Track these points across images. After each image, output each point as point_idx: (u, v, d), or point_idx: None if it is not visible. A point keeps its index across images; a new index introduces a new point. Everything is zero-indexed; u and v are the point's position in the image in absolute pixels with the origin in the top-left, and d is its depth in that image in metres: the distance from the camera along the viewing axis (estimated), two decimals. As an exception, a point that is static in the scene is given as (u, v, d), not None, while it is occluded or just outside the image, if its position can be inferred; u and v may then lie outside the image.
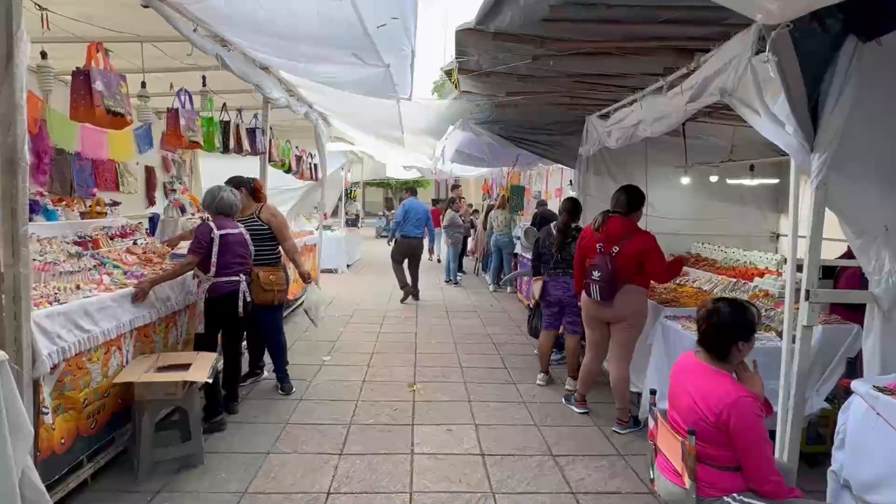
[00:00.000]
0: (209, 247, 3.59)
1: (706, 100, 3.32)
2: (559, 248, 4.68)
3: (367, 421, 3.93)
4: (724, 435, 1.94)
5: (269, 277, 4.26)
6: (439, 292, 9.47)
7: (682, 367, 2.21)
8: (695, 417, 2.00)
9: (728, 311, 2.10)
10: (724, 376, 2.03)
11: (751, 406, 1.91)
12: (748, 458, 1.91)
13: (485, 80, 4.50)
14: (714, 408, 1.94)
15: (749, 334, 2.07)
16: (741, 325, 2.07)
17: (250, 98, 5.99)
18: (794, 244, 2.74)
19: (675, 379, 2.21)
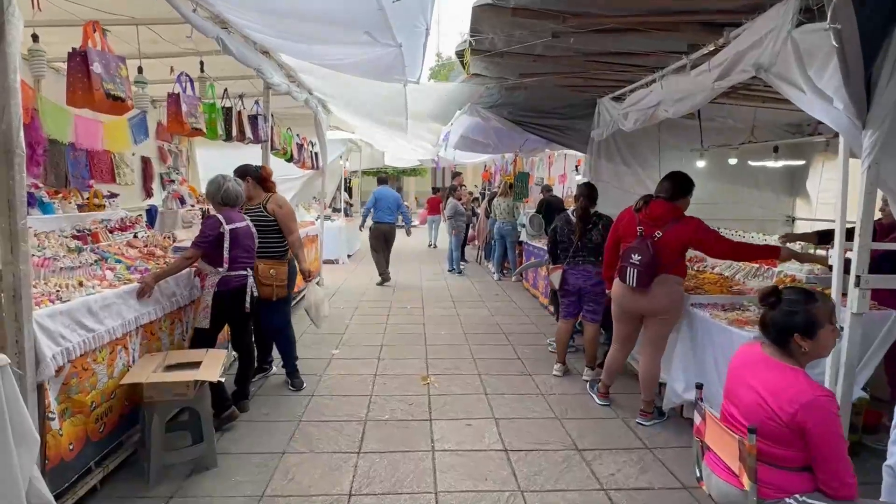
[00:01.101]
0: (216, 241, 3.41)
1: (736, 77, 3.17)
2: (580, 235, 4.51)
3: (383, 417, 3.80)
4: (796, 436, 1.80)
5: (270, 271, 4.10)
6: (443, 281, 9.33)
7: (745, 359, 2.07)
8: (762, 415, 1.86)
9: (786, 298, 1.96)
10: (796, 372, 1.89)
11: (828, 405, 1.77)
12: (826, 462, 1.78)
13: (497, 61, 4.32)
14: (787, 407, 1.80)
15: (809, 329, 1.90)
16: (798, 315, 1.92)
17: (249, 85, 5.79)
18: (841, 227, 2.56)
19: (736, 372, 2.07)
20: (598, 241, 4.40)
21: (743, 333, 3.11)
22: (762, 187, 6.01)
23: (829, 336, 1.92)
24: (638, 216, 3.70)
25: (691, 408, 3.75)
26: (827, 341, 1.93)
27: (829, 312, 1.93)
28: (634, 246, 3.63)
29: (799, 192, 6.11)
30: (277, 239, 4.20)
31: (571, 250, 4.54)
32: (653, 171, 5.79)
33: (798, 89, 2.59)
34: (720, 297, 3.78)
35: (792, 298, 1.95)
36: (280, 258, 4.21)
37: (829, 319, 1.92)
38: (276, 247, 4.22)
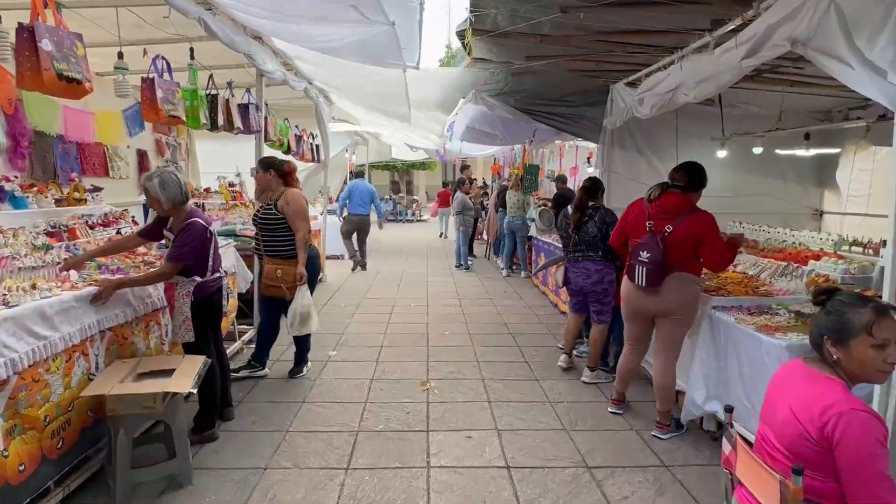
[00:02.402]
0: (204, 250, 3.09)
1: (767, 54, 2.82)
2: (576, 227, 4.25)
3: (377, 427, 3.52)
4: (829, 458, 1.50)
5: (276, 272, 3.93)
6: (450, 278, 9.04)
7: (786, 374, 1.77)
8: (793, 432, 1.56)
9: (835, 298, 1.68)
10: (833, 383, 1.58)
11: (868, 424, 1.46)
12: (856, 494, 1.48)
13: (501, 42, 4.00)
14: (817, 419, 1.50)
15: (839, 334, 1.61)
16: (832, 316, 1.64)
17: (245, 74, 5.51)
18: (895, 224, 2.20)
19: (776, 388, 1.76)
20: (594, 234, 4.16)
21: (773, 341, 2.78)
22: (788, 179, 5.62)
23: (865, 351, 1.59)
24: (649, 208, 3.38)
25: (712, 419, 3.44)
26: (863, 356, 1.60)
27: (869, 322, 1.60)
28: (643, 242, 3.34)
29: (828, 184, 5.71)
30: (287, 237, 3.98)
31: (570, 245, 4.31)
32: (670, 161, 5.40)
33: (843, 63, 2.25)
34: (745, 298, 3.44)
35: (839, 299, 1.68)
36: (289, 258, 3.98)
37: (867, 330, 1.59)
38: (285, 245, 4.00)
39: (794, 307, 3.31)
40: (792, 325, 2.96)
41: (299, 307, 3.95)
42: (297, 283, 3.93)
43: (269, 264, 3.95)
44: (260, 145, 5.21)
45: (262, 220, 4.02)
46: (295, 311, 3.95)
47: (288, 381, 4.27)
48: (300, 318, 3.96)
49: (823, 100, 5.16)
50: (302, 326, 4.00)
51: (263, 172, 4.05)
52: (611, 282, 4.23)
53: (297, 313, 3.95)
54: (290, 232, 3.95)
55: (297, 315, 3.95)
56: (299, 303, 3.96)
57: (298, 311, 3.95)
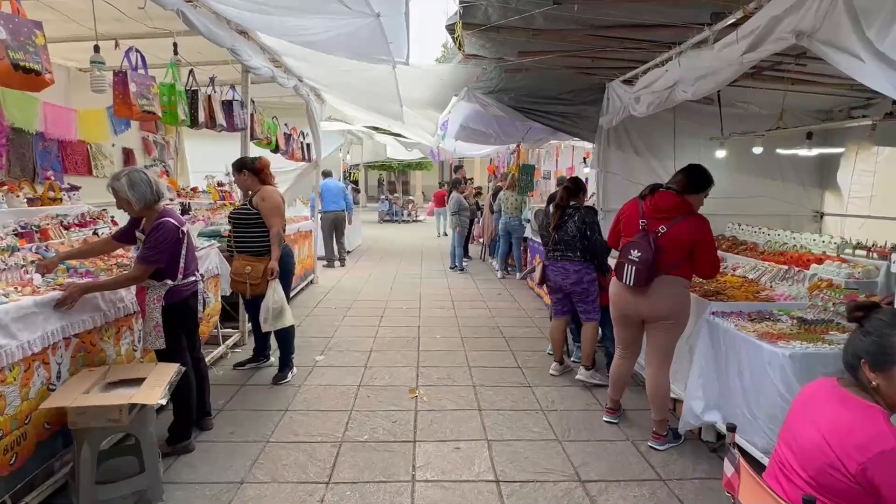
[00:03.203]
0: (175, 251, 2.95)
1: (770, 48, 2.68)
2: (556, 226, 4.18)
3: (362, 437, 3.37)
4: (864, 494, 1.36)
5: (245, 269, 3.88)
6: (443, 280, 8.89)
7: (815, 394, 1.60)
8: (822, 461, 1.41)
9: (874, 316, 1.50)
10: (874, 412, 1.42)
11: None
12: None
13: (493, 37, 3.86)
14: (856, 455, 1.35)
15: (879, 358, 1.45)
16: (871, 337, 1.48)
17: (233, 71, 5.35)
18: None
19: (801, 409, 1.60)
20: (573, 233, 4.09)
21: (775, 350, 2.64)
22: (788, 180, 5.49)
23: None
24: (642, 207, 3.24)
25: (711, 430, 3.30)
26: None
27: None
28: (634, 241, 3.21)
29: (829, 185, 5.59)
30: (259, 234, 3.97)
31: (550, 243, 4.25)
32: (667, 161, 5.30)
33: (852, 56, 2.11)
34: (746, 304, 3.31)
35: (879, 318, 1.49)
36: (260, 255, 3.95)
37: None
38: (256, 243, 3.99)
39: (797, 313, 3.18)
40: (795, 333, 2.82)
41: (271, 302, 3.89)
42: (269, 277, 3.87)
43: (239, 261, 3.94)
44: (246, 144, 5.06)
45: (236, 217, 4.02)
46: (267, 306, 3.89)
47: (272, 387, 4.12)
48: (273, 314, 3.90)
49: (824, 99, 5.04)
50: (276, 321, 3.93)
51: (238, 174, 4.06)
52: (591, 281, 4.16)
53: (269, 308, 3.89)
54: (263, 228, 3.94)
55: (269, 310, 3.89)
56: (271, 298, 3.90)
57: (270, 307, 3.89)
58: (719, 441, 3.25)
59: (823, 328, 2.89)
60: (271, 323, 3.91)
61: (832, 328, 2.91)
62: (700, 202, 3.17)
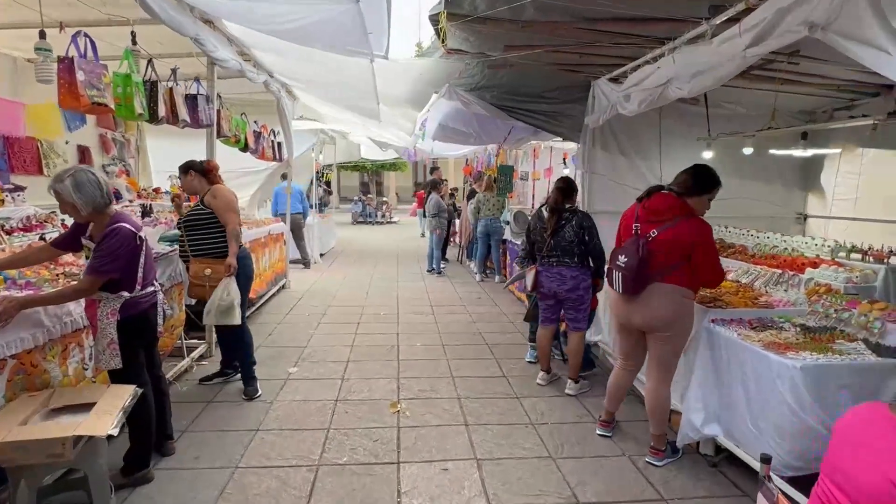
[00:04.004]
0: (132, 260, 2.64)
1: (776, 42, 2.53)
2: (553, 232, 3.98)
3: (340, 459, 3.11)
4: None
5: (204, 271, 3.65)
6: (421, 283, 8.64)
7: (868, 427, 1.40)
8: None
9: None
10: None
11: None
12: None
13: (478, 29, 3.64)
14: None
15: None
16: None
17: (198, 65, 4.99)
18: None
19: (851, 441, 1.40)
20: (571, 238, 3.92)
21: (785, 361, 2.49)
22: (772, 181, 5.43)
23: None
24: (638, 210, 3.08)
25: (709, 443, 3.15)
26: None
27: None
28: (624, 246, 3.05)
29: (812, 187, 5.56)
30: (216, 234, 3.75)
31: (545, 249, 4.03)
32: (653, 162, 5.18)
33: (875, 48, 1.96)
34: (745, 311, 3.17)
35: None
36: (219, 256, 3.72)
37: None
38: (215, 244, 3.76)
39: (798, 320, 3.06)
40: (801, 343, 2.69)
41: (219, 297, 3.58)
42: (226, 273, 3.61)
43: (197, 264, 3.68)
44: (212, 141, 4.73)
45: (189, 220, 3.77)
46: (214, 300, 3.58)
47: (241, 405, 3.82)
48: (219, 309, 3.58)
49: (807, 100, 4.99)
50: (221, 317, 3.60)
51: (185, 176, 3.84)
52: (586, 288, 4.00)
53: (216, 303, 3.57)
54: (219, 228, 3.72)
55: (215, 304, 3.57)
56: (221, 293, 3.59)
57: (217, 301, 3.58)
58: (718, 455, 3.11)
59: (829, 336, 2.77)
60: (214, 316, 3.59)
61: (838, 336, 2.78)
62: (704, 205, 3.00)
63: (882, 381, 2.49)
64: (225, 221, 3.71)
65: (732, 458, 2.99)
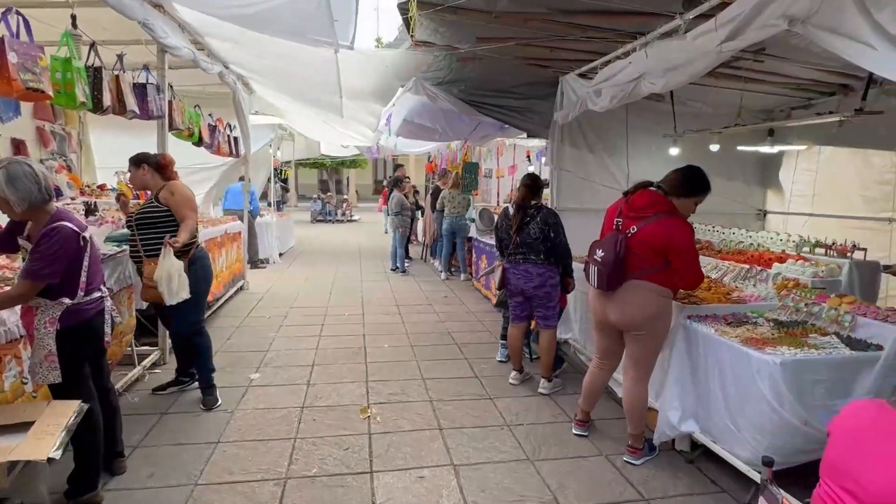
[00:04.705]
0: (74, 262, 2.39)
1: (754, 35, 2.52)
2: (518, 228, 3.94)
3: (309, 471, 2.93)
4: None
5: None
6: (385, 282, 8.47)
7: (868, 424, 1.36)
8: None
9: None
10: None
11: None
12: None
13: (449, 20, 3.53)
14: None
15: None
16: None
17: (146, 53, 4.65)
18: None
19: (855, 442, 1.35)
20: (536, 235, 3.88)
21: (765, 357, 2.48)
22: (734, 178, 5.56)
23: None
24: (622, 205, 3.03)
25: (685, 440, 3.14)
26: None
27: None
28: (602, 241, 3.01)
29: (771, 184, 5.72)
30: (173, 233, 3.46)
31: (511, 246, 4.00)
32: (620, 158, 5.20)
33: (858, 42, 1.95)
34: (720, 306, 3.18)
35: None
36: (177, 257, 3.44)
37: None
38: None
39: (770, 315, 3.09)
40: (778, 338, 2.69)
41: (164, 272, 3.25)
42: (171, 244, 3.25)
43: (152, 265, 3.38)
44: (163, 135, 4.43)
45: (141, 218, 3.50)
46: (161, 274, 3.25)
47: (199, 415, 3.57)
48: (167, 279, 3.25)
49: (768, 99, 5.11)
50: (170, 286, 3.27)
51: (136, 169, 3.56)
52: (553, 285, 3.97)
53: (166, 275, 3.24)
54: (176, 227, 3.48)
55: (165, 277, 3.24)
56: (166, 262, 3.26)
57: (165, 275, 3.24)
58: (695, 451, 3.10)
59: (802, 331, 2.79)
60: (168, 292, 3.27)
61: (810, 330, 2.81)
62: (690, 208, 2.94)
63: (856, 374, 2.53)
64: (182, 217, 3.48)
65: (708, 453, 2.98)
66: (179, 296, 3.33)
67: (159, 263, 3.28)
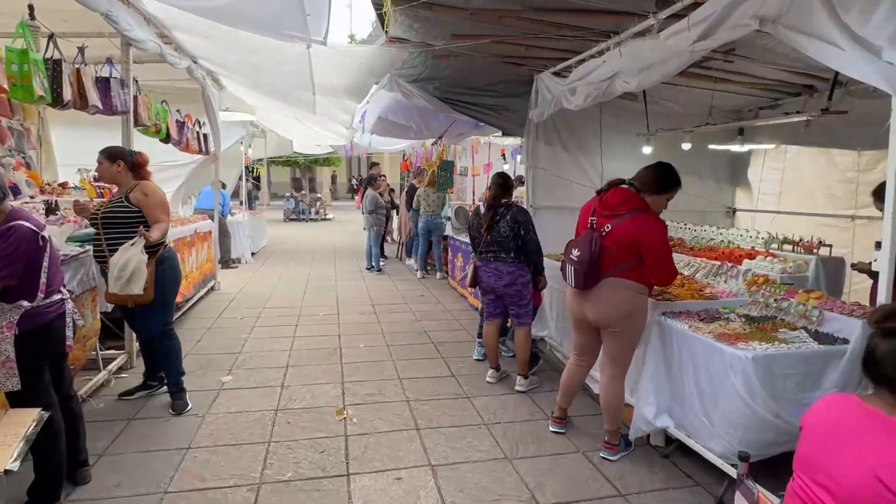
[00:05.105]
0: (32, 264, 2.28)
1: (725, 35, 2.56)
2: (489, 227, 3.95)
3: (284, 475, 2.87)
4: None
5: None
6: (361, 282, 8.39)
7: (839, 418, 1.37)
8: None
9: None
10: None
11: None
12: None
13: (424, 16, 3.49)
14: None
15: None
16: None
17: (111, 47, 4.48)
18: (894, 224, 1.95)
19: (826, 436, 1.36)
20: (506, 233, 3.89)
21: (737, 353, 2.52)
22: (704, 177, 5.67)
23: None
24: (596, 203, 3.05)
25: (660, 435, 3.18)
26: None
27: None
28: (577, 239, 3.03)
29: (740, 182, 5.85)
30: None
31: (482, 244, 4.02)
32: (594, 157, 5.25)
33: (827, 43, 1.99)
34: (693, 303, 3.22)
35: None
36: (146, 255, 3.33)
37: None
38: None
39: (742, 311, 3.15)
40: (749, 333, 2.74)
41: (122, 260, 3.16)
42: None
43: None
44: (128, 131, 4.28)
45: (109, 217, 3.38)
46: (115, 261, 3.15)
47: (168, 420, 3.47)
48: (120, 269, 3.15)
49: (737, 99, 5.22)
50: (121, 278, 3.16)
51: (109, 164, 3.41)
52: (524, 283, 3.98)
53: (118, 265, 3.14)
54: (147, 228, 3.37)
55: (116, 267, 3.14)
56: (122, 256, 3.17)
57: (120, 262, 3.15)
58: (669, 445, 3.14)
59: (772, 326, 2.85)
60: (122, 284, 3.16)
61: (780, 325, 2.87)
62: (662, 204, 2.98)
63: (824, 367, 2.59)
64: (155, 220, 3.40)
65: (683, 447, 3.02)
66: (128, 288, 3.16)
67: (122, 248, 3.18)
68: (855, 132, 4.27)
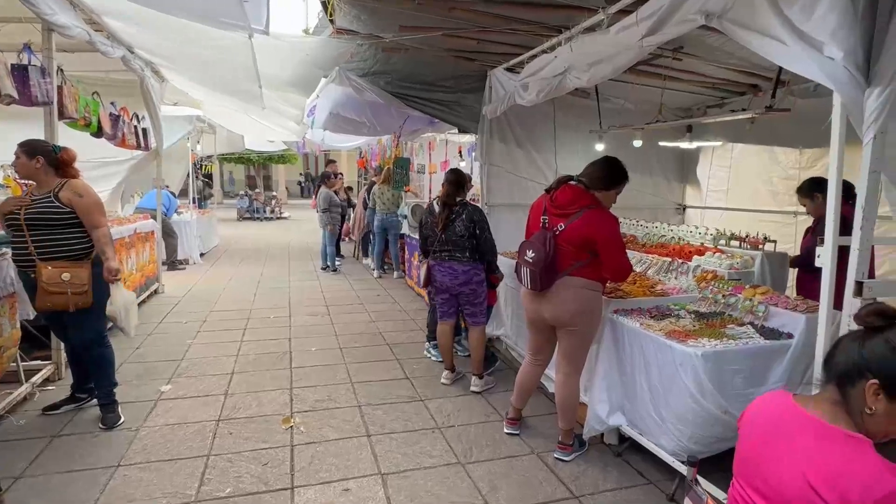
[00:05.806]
0: None
1: (673, 30, 2.53)
2: (444, 226, 3.87)
3: (223, 491, 2.69)
4: None
5: (62, 276, 3.13)
6: (315, 282, 8.16)
7: (773, 418, 1.30)
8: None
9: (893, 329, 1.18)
10: (861, 445, 1.15)
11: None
12: None
13: (371, 6, 3.36)
14: (856, 502, 1.09)
15: None
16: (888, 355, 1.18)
17: (33, 31, 4.14)
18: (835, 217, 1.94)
19: (762, 437, 1.30)
20: (462, 233, 3.83)
21: (687, 350, 2.52)
22: (655, 174, 5.75)
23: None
24: (546, 202, 3.00)
25: (614, 433, 3.16)
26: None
27: None
28: (531, 240, 2.97)
29: (689, 180, 5.96)
30: (75, 235, 3.23)
31: (436, 244, 3.94)
32: (548, 154, 5.23)
33: (770, 38, 1.98)
34: (644, 300, 3.22)
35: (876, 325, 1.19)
36: (79, 259, 3.23)
37: None
38: (73, 245, 3.24)
39: (691, 307, 3.16)
40: (698, 329, 2.75)
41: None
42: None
43: (50, 269, 3.11)
44: (52, 123, 3.96)
45: (36, 218, 3.13)
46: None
47: (97, 436, 3.22)
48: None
49: (686, 97, 5.30)
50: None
51: (27, 159, 3.17)
52: (479, 282, 3.94)
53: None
54: (79, 229, 3.23)
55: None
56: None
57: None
58: (622, 444, 3.13)
59: (720, 322, 2.87)
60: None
61: (728, 321, 2.89)
62: (611, 199, 2.96)
63: (770, 362, 2.61)
64: (94, 224, 3.22)
65: (636, 445, 3.01)
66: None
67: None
68: (796, 131, 4.39)
